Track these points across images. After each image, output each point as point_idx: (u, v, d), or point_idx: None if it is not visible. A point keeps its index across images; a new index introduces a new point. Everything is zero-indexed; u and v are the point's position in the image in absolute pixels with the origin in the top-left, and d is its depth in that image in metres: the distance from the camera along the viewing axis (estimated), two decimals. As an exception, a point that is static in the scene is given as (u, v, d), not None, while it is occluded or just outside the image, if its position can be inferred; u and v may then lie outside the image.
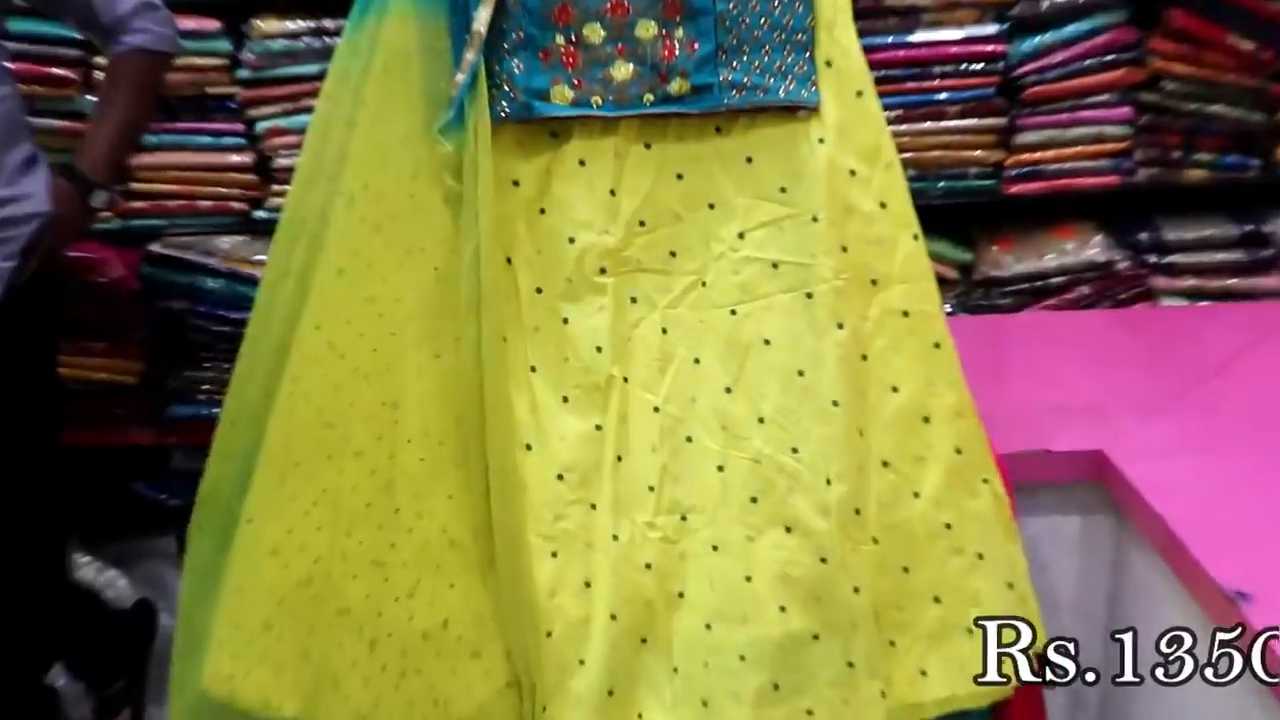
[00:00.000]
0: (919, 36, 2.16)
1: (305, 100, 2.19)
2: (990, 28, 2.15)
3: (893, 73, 2.15)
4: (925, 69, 2.16)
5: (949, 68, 2.16)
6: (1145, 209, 2.24)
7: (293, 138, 2.22)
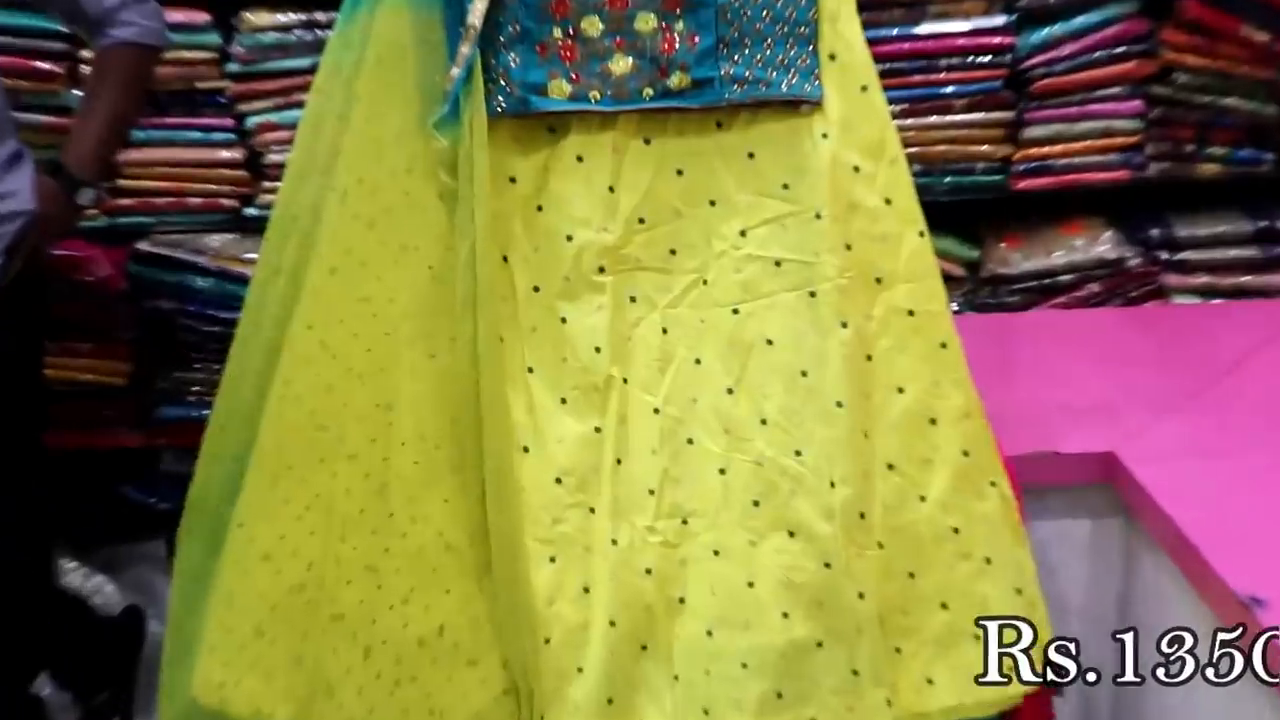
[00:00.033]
0: (925, 28, 2.14)
1: (296, 94, 2.17)
2: (998, 19, 2.12)
3: (898, 66, 2.13)
4: (931, 62, 2.14)
5: (956, 60, 2.13)
6: (1156, 204, 2.22)
7: (284, 133, 2.19)
